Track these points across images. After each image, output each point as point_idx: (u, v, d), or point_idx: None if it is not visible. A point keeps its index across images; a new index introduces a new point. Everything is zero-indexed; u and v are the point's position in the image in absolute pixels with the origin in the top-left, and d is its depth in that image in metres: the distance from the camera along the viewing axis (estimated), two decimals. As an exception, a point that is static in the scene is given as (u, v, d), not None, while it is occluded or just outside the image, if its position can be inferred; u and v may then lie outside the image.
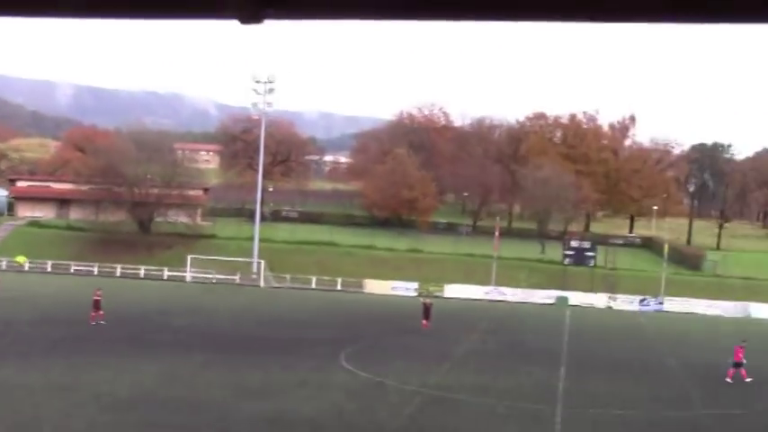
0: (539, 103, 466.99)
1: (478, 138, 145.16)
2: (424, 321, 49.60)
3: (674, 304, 75.95)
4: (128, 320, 47.18)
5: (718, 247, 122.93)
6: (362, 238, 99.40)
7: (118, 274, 78.95)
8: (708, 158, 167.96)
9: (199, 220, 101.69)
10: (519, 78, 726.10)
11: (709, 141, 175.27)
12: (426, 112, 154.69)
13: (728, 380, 36.13)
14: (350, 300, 69.37)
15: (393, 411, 26.65)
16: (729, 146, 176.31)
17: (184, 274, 79.13)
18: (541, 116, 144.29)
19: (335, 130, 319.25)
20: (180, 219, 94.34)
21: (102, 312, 44.40)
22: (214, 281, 78.08)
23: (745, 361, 36.30)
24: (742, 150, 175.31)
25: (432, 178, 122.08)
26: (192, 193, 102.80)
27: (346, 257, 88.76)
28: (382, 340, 44.72)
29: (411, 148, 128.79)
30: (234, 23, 9.67)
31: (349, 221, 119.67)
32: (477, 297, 75.84)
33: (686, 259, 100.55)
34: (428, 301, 52.12)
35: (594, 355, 43.61)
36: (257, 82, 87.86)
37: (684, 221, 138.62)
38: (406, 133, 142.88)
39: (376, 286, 77.85)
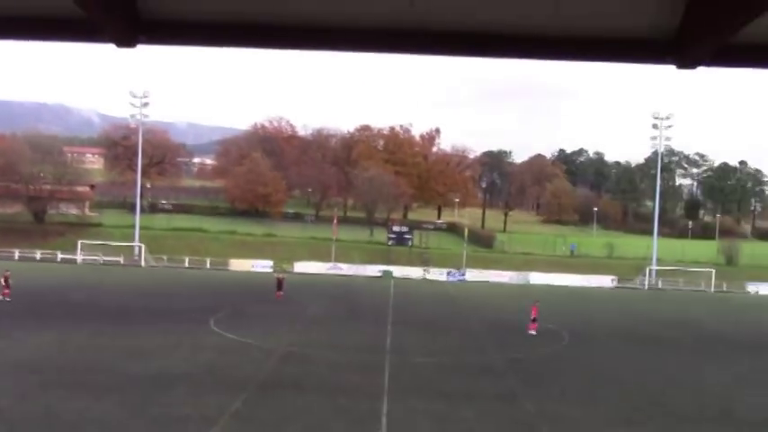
0: (365, 117, 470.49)
1: (318, 145, 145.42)
2: (278, 293, 48.94)
3: (473, 275, 78.07)
4: (26, 297, 44.38)
5: (504, 230, 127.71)
6: (226, 225, 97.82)
7: (16, 257, 74.19)
8: (495, 162, 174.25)
9: (87, 211, 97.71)
10: (349, 96, 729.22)
11: (495, 148, 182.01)
12: (276, 124, 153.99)
13: (531, 332, 37.15)
14: (217, 276, 67.90)
15: (256, 366, 26.28)
16: (510, 152, 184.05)
17: (75, 257, 75.31)
18: (367, 128, 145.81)
19: (203, 138, 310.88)
20: (70, 210, 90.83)
21: (8, 291, 41.70)
22: (101, 262, 74.68)
23: (534, 317, 37.64)
24: (519, 155, 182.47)
25: (281, 177, 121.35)
26: (80, 188, 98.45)
27: (213, 241, 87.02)
28: (245, 308, 43.95)
29: (264, 152, 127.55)
30: (111, 47, 9.03)
31: (215, 212, 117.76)
32: (321, 272, 75.68)
33: (481, 240, 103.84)
34: (281, 275, 51.54)
35: (414, 316, 44.31)
36: (135, 96, 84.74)
37: (479, 210, 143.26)
38: (260, 141, 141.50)
39: (239, 265, 76.53)
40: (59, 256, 75.56)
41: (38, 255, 75.77)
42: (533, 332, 37.13)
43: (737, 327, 47.96)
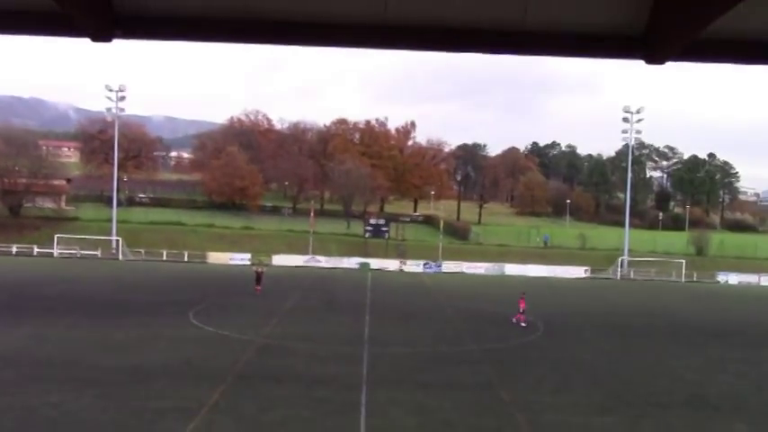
0: (341, 111, 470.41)
1: (294, 138, 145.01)
2: (257, 287, 47.74)
3: (449, 266, 78.25)
4: (1, 290, 44.04)
5: (479, 222, 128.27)
6: (204, 218, 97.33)
7: (-9, 252, 73.56)
8: (469, 155, 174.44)
9: (63, 205, 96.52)
10: (325, 89, 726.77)
11: (470, 142, 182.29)
12: (252, 118, 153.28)
13: (522, 324, 36.88)
14: (195, 269, 67.47)
15: (234, 358, 26.22)
16: (485, 145, 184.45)
17: (52, 250, 74.45)
18: (343, 121, 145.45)
19: (179, 131, 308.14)
20: (46, 204, 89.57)
21: None
22: (79, 256, 73.92)
23: (523, 309, 37.54)
24: (494, 149, 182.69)
25: (258, 170, 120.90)
26: (56, 182, 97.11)
27: (191, 234, 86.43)
28: (223, 301, 43.70)
29: (241, 146, 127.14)
30: (87, 41, 9.05)
31: (192, 205, 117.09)
32: (298, 264, 75.54)
33: (457, 231, 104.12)
34: (260, 269, 50.57)
35: (391, 307, 44.38)
36: (111, 90, 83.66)
37: (454, 203, 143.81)
38: (236, 134, 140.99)
39: (217, 258, 76.12)
40: (36, 250, 74.69)
41: (14, 249, 74.82)
42: (523, 324, 36.95)
43: (708, 315, 48.61)
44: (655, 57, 8.78)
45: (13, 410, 18.45)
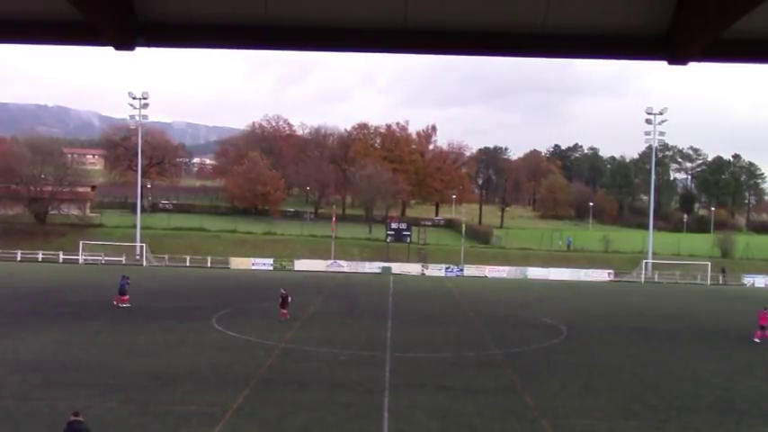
0: (364, 116, 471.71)
1: (316, 143, 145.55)
2: (283, 311, 39.16)
3: (471, 270, 77.92)
4: (28, 296, 44.49)
5: (501, 226, 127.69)
6: (227, 224, 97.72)
7: (18, 258, 74.20)
8: (491, 158, 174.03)
9: (88, 212, 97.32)
10: (348, 95, 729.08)
11: (491, 145, 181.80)
12: (273, 123, 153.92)
13: (756, 340, 35.77)
14: (218, 274, 67.79)
15: (257, 362, 26.34)
16: (506, 149, 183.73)
17: (77, 257, 75.11)
18: (364, 126, 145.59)
19: (201, 138, 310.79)
20: (71, 211, 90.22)
21: (126, 297, 41.67)
22: (103, 262, 74.48)
23: (764, 324, 36.14)
24: (516, 152, 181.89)
25: (280, 176, 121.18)
26: (81, 189, 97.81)
27: (214, 240, 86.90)
28: (246, 306, 43.92)
29: (263, 151, 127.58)
30: (110, 49, 9.13)
31: (215, 211, 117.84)
32: (320, 269, 75.56)
33: (479, 235, 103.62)
34: (283, 291, 41.01)
35: (413, 311, 44.31)
36: (134, 98, 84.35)
37: (476, 206, 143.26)
38: (258, 140, 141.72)
39: (239, 263, 76.38)
40: (61, 256, 75.42)
41: (40, 255, 75.60)
42: (758, 340, 35.84)
43: (734, 318, 47.95)
44: (677, 57, 8.71)
45: (40, 415, 18.66)
